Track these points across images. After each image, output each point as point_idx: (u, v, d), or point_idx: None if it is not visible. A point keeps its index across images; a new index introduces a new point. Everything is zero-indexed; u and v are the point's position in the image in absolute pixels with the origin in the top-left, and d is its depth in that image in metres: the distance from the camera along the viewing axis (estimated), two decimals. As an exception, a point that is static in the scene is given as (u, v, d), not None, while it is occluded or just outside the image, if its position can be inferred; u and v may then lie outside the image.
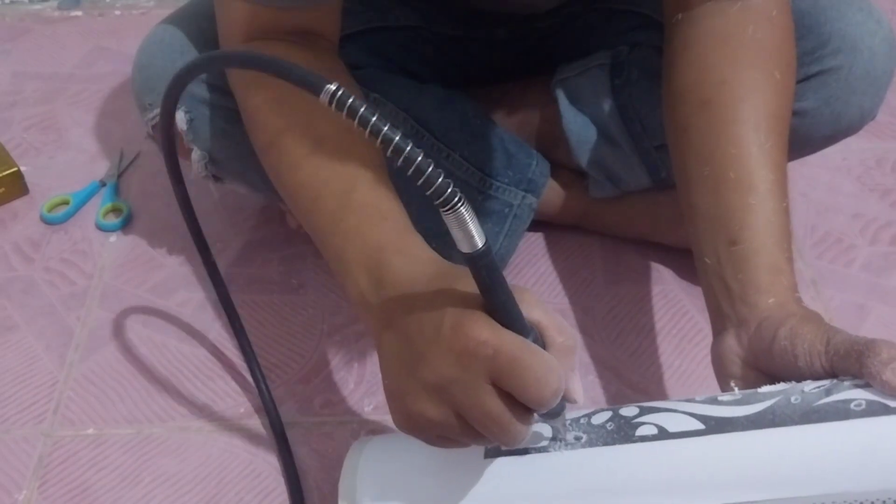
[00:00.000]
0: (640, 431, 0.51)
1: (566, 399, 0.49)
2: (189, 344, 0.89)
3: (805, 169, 1.05)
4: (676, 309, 0.92)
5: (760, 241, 0.58)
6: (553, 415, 0.50)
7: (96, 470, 0.79)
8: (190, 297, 0.94)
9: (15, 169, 1.06)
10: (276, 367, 0.86)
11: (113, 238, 1.01)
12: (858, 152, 1.09)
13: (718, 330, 0.60)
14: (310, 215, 0.60)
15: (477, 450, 0.55)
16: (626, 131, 0.88)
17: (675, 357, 0.87)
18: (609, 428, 0.52)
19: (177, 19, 0.82)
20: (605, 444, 0.51)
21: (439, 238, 0.55)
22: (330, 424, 0.82)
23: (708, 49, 0.65)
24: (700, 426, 0.49)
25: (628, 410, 0.53)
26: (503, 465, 0.54)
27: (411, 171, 0.41)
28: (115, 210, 1.04)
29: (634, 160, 0.89)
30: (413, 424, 0.51)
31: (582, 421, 0.53)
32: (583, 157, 0.91)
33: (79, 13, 1.42)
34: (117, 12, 1.42)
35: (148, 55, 0.82)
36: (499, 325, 0.46)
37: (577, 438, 0.53)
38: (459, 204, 0.42)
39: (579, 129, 0.90)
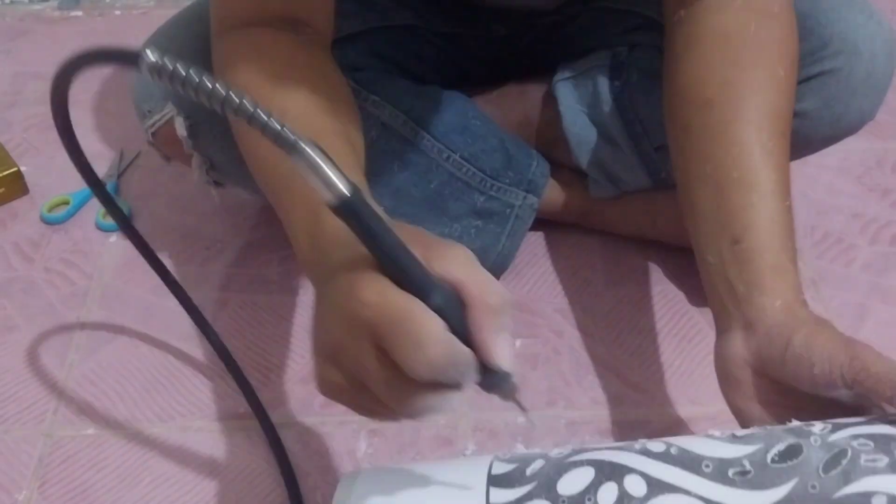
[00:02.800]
0: None
1: (488, 363, 0.44)
2: (189, 344, 0.89)
3: (805, 169, 1.05)
4: (676, 309, 0.92)
5: (764, 241, 0.58)
6: (490, 385, 0.45)
7: (96, 470, 0.79)
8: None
9: (15, 169, 1.06)
10: (276, 367, 0.86)
11: (113, 238, 1.01)
12: (858, 152, 1.09)
13: (723, 329, 0.60)
14: (269, 184, 0.59)
15: (478, 492, 0.50)
16: (626, 132, 0.88)
17: (675, 357, 0.87)
18: None
19: (177, 23, 0.82)
20: None
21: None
22: (330, 424, 0.82)
23: (710, 48, 0.65)
24: None
25: (633, 485, 0.48)
26: (500, 495, 0.49)
27: (248, 122, 0.38)
28: (115, 210, 1.04)
29: (634, 161, 0.89)
30: (326, 391, 0.48)
31: (588, 502, 0.47)
32: (583, 157, 0.91)
33: (79, 13, 1.42)
34: (117, 12, 1.42)
35: None
36: (390, 285, 0.42)
37: None
38: (304, 146, 0.39)
39: (579, 129, 0.90)
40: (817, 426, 0.48)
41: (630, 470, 0.48)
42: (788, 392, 0.54)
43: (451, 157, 0.88)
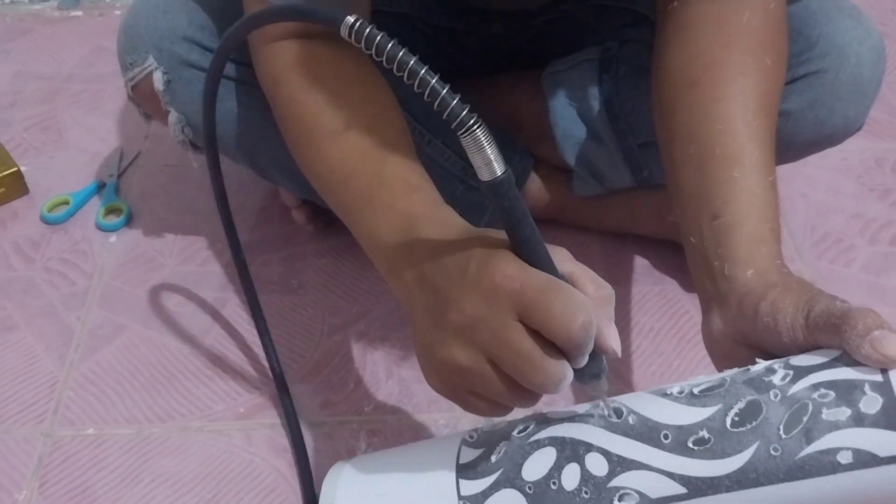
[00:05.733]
0: (620, 502, 0.48)
1: (601, 349, 0.47)
2: (189, 344, 0.89)
3: (805, 169, 1.05)
4: (676, 309, 0.92)
5: (743, 214, 0.57)
6: (590, 375, 0.48)
7: (96, 470, 0.79)
8: (190, 297, 0.94)
9: (15, 169, 1.06)
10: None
11: (113, 238, 1.01)
12: (858, 152, 1.09)
13: (705, 310, 0.59)
14: (341, 197, 0.61)
15: (449, 474, 0.52)
16: (612, 127, 0.88)
17: (675, 357, 0.87)
18: (585, 497, 0.48)
19: None
20: None
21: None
22: (330, 424, 0.82)
23: (701, 32, 0.65)
24: (681, 490, 0.47)
25: (594, 464, 0.49)
26: (470, 487, 0.51)
27: (427, 94, 0.42)
28: (115, 210, 1.04)
29: (618, 158, 0.89)
30: (444, 378, 0.50)
31: (552, 486, 0.49)
32: (568, 152, 0.91)
33: (79, 13, 1.42)
34: (117, 12, 1.42)
35: (133, 14, 0.82)
36: (525, 263, 0.46)
37: None
38: (475, 126, 0.42)
39: (566, 123, 0.90)
40: (778, 374, 0.48)
41: (590, 447, 0.49)
42: (776, 357, 0.52)
43: (432, 141, 0.87)
